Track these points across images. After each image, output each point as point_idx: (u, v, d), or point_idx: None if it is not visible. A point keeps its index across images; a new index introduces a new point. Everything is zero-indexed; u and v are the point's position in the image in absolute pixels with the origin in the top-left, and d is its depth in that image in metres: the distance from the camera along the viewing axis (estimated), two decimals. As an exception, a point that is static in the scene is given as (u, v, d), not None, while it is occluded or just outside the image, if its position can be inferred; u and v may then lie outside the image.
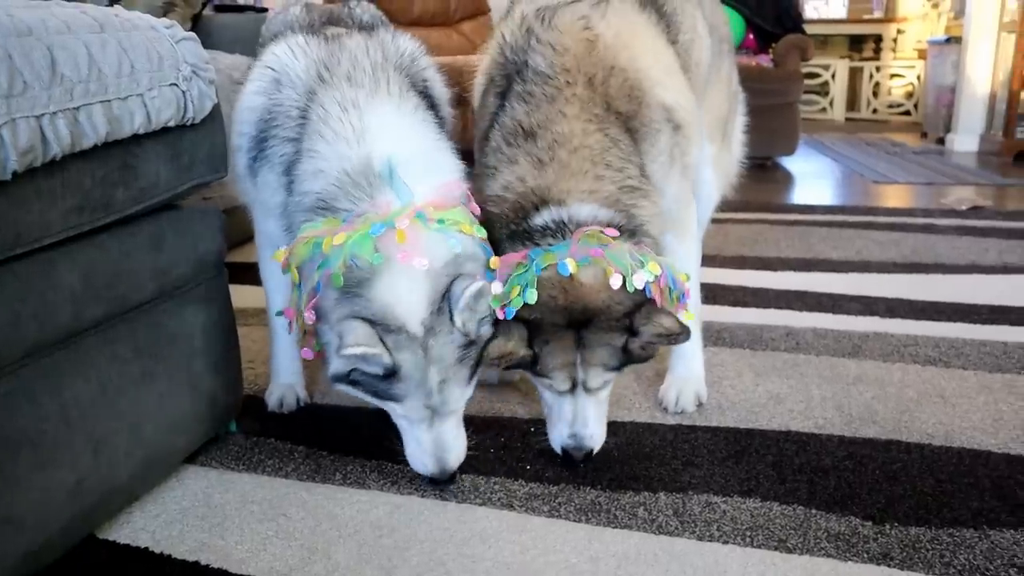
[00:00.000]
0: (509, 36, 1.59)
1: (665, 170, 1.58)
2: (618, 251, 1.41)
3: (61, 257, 1.18)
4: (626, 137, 1.52)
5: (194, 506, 1.42)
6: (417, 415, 1.39)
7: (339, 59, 1.53)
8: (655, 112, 1.54)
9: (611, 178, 1.49)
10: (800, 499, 1.41)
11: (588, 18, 1.54)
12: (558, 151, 1.48)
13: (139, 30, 1.30)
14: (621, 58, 1.52)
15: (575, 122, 1.49)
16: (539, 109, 1.50)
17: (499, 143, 1.53)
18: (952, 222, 3.61)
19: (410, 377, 1.34)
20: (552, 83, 1.51)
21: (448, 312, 1.33)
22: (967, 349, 2.07)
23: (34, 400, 1.14)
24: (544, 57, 1.52)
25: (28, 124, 1.05)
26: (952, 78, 6.47)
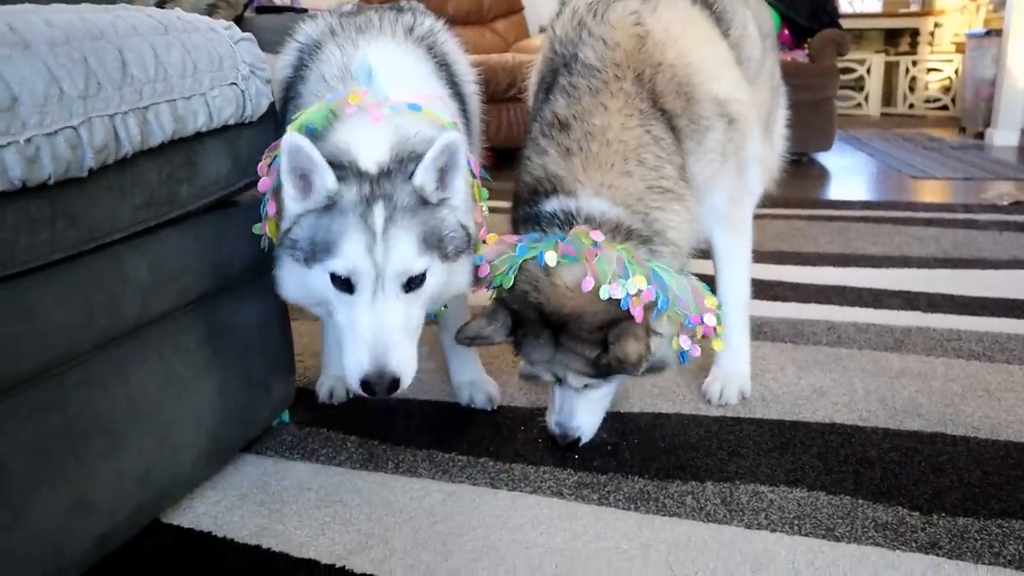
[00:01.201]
0: (560, 30, 1.62)
1: (716, 167, 1.59)
2: (607, 256, 1.38)
3: (130, 251, 1.23)
4: (669, 136, 1.52)
5: (252, 492, 1.46)
6: (359, 266, 1.23)
7: (355, 19, 1.58)
8: (705, 107, 1.55)
9: (641, 176, 1.47)
10: (847, 489, 1.42)
11: (639, 13, 1.56)
12: (590, 143, 1.47)
13: (200, 32, 1.35)
14: (670, 54, 1.53)
15: (616, 116, 1.49)
16: (580, 101, 1.51)
17: (536, 134, 1.55)
18: (993, 217, 3.58)
19: (351, 209, 1.24)
20: (600, 76, 1.52)
21: (409, 170, 1.28)
22: (1011, 344, 2.06)
23: (106, 389, 1.19)
24: (594, 50, 1.54)
25: (103, 123, 1.10)
26: (992, 72, 6.38)
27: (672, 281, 1.42)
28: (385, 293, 1.25)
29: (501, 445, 1.60)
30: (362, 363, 1.23)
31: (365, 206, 1.24)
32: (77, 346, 1.13)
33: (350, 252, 1.23)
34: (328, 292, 1.27)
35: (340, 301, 1.27)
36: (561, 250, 1.39)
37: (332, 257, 1.24)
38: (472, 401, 1.76)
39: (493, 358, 1.97)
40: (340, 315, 1.28)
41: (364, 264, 1.23)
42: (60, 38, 1.07)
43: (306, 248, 1.27)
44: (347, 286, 1.25)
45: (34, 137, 0.99)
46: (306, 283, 1.29)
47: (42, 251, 1.06)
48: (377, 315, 1.24)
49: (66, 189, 1.08)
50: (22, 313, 1.04)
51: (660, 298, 1.39)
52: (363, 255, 1.23)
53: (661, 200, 1.48)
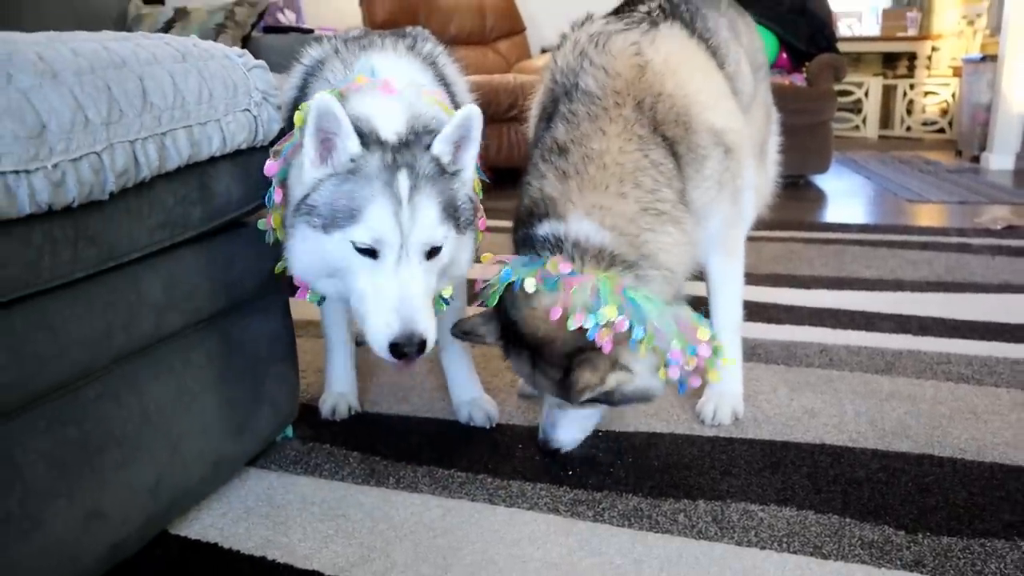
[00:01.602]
0: (561, 60, 1.68)
1: (712, 195, 1.63)
2: (583, 285, 1.42)
3: (145, 271, 1.28)
4: (670, 161, 1.55)
5: (258, 505, 1.50)
6: (385, 232, 1.26)
7: (359, 41, 1.63)
8: (703, 137, 1.60)
9: (636, 198, 1.50)
10: (835, 508, 1.47)
11: (639, 44, 1.61)
12: (587, 165, 1.51)
13: (215, 59, 1.40)
14: (668, 84, 1.58)
15: (614, 140, 1.53)
16: (579, 127, 1.55)
17: (536, 159, 1.60)
18: (986, 241, 3.63)
19: (375, 176, 1.28)
20: (599, 103, 1.56)
21: (426, 142, 1.34)
22: (1000, 367, 2.11)
23: (120, 403, 1.24)
24: (595, 79, 1.59)
25: (124, 149, 1.15)
26: (987, 96, 6.46)
27: (654, 312, 1.44)
28: (409, 259, 1.28)
29: (499, 462, 1.65)
30: (391, 326, 1.26)
31: (390, 173, 1.28)
32: (95, 361, 1.18)
33: (377, 218, 1.26)
34: (347, 260, 1.29)
35: (362, 267, 1.29)
36: (540, 277, 1.44)
37: (356, 223, 1.26)
38: (471, 419, 1.81)
39: (492, 376, 2.02)
40: (361, 281, 1.29)
41: (391, 230, 1.26)
42: (85, 67, 1.12)
43: (326, 214, 1.29)
44: (370, 252, 1.28)
45: (61, 162, 1.05)
46: (322, 252, 1.31)
47: (64, 270, 1.11)
48: (402, 280, 1.27)
49: (88, 211, 1.13)
50: (45, 329, 1.09)
51: (635, 328, 1.41)
52: (390, 221, 1.26)
53: (655, 222, 1.51)
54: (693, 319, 1.50)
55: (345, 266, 1.30)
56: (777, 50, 5.45)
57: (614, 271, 1.47)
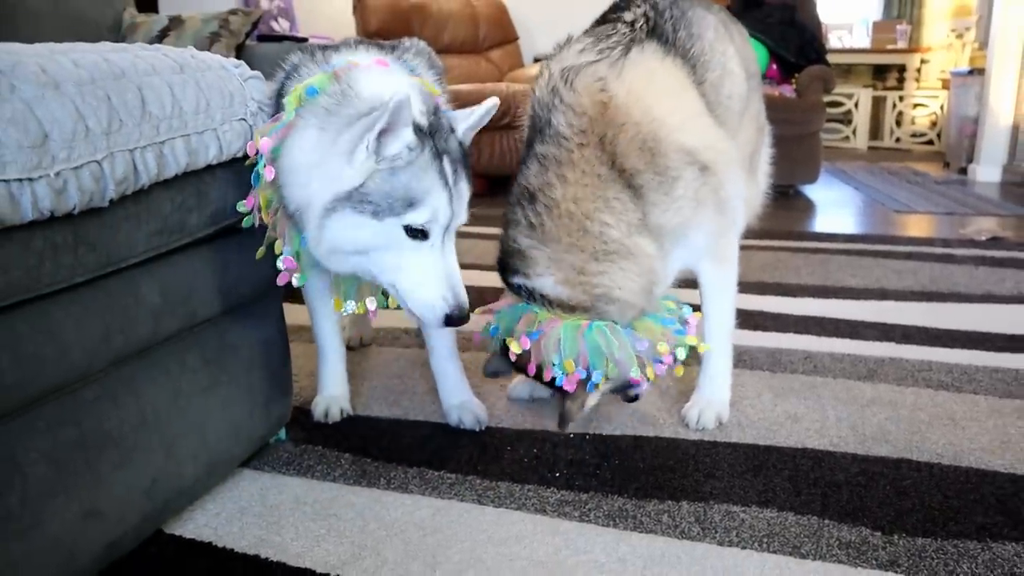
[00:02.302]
0: (539, 93, 1.72)
1: (689, 212, 1.68)
2: (550, 337, 1.63)
3: (143, 275, 1.31)
4: (627, 194, 1.63)
5: (251, 506, 1.53)
6: (442, 217, 1.39)
7: (336, 45, 1.66)
8: (672, 158, 1.64)
9: (584, 246, 1.63)
10: (814, 510, 1.50)
11: (604, 79, 1.65)
12: (547, 216, 1.64)
13: (212, 70, 1.44)
14: (634, 113, 1.62)
15: (572, 187, 1.63)
16: (547, 172, 1.65)
17: (514, 199, 1.71)
18: (970, 252, 3.69)
19: (430, 164, 1.37)
20: (566, 145, 1.64)
21: (448, 126, 1.45)
22: (979, 375, 2.15)
23: (118, 404, 1.27)
24: (565, 117, 1.64)
25: (123, 157, 1.18)
26: (975, 109, 6.53)
27: (614, 345, 1.63)
28: (450, 236, 1.43)
29: (488, 464, 1.68)
30: (447, 300, 1.41)
31: (439, 162, 1.39)
32: (93, 364, 1.21)
33: (436, 204, 1.37)
34: (395, 242, 1.38)
35: (411, 248, 1.39)
36: (522, 335, 1.66)
37: (415, 209, 1.36)
38: (461, 422, 1.84)
39: (481, 381, 2.05)
40: (408, 259, 1.40)
41: (445, 213, 1.40)
42: (86, 78, 1.15)
43: (380, 202, 1.36)
44: (420, 234, 1.39)
45: (62, 171, 1.08)
46: (368, 235, 1.38)
47: (65, 275, 1.14)
48: (448, 259, 1.43)
49: (88, 218, 1.16)
50: (45, 333, 1.12)
51: (594, 372, 1.63)
52: (446, 206, 1.39)
53: (604, 264, 1.65)
54: (656, 332, 1.69)
55: (389, 247, 1.40)
56: (767, 62, 5.52)
57: (576, 316, 1.66)
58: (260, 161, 1.43)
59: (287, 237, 1.48)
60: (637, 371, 1.65)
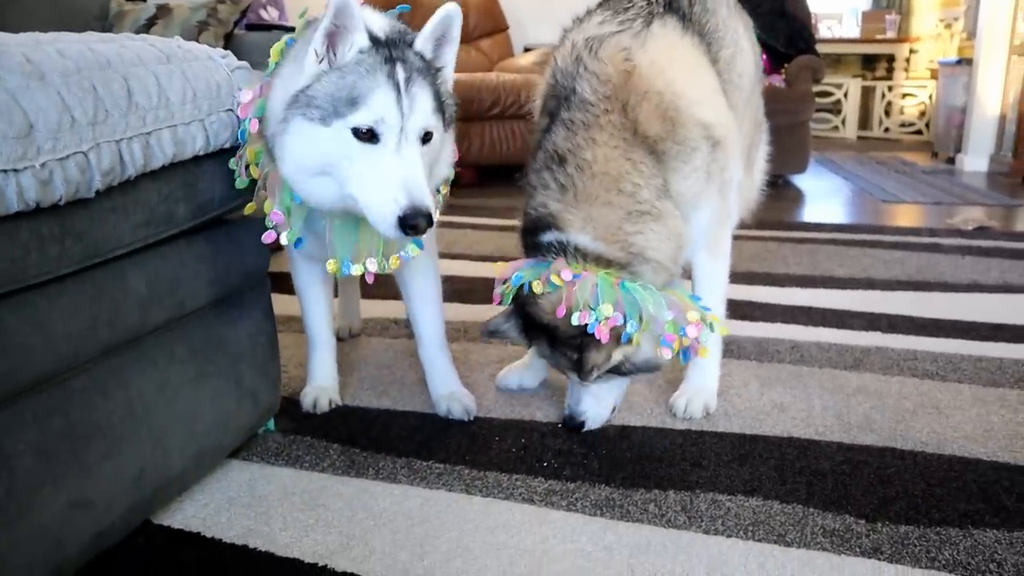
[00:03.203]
0: (561, 62, 1.74)
1: (700, 186, 1.71)
2: (584, 284, 1.59)
3: (131, 266, 1.31)
4: (650, 159, 1.65)
5: (239, 496, 1.54)
6: (388, 116, 1.34)
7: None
8: (691, 130, 1.67)
9: (620, 204, 1.63)
10: (799, 498, 1.52)
11: (628, 49, 1.68)
12: (580, 177, 1.64)
13: (199, 60, 1.43)
14: (657, 83, 1.65)
15: (602, 148, 1.64)
16: (575, 136, 1.66)
17: (540, 165, 1.71)
18: (957, 242, 3.71)
19: (377, 67, 1.36)
20: (592, 110, 1.65)
21: (409, 40, 1.44)
22: (964, 364, 2.17)
23: (106, 394, 1.27)
24: (590, 85, 1.66)
25: (109, 148, 1.18)
26: (963, 99, 6.56)
27: (649, 301, 1.59)
28: (408, 142, 1.37)
29: (477, 454, 1.69)
30: (399, 201, 1.32)
31: (390, 65, 1.37)
32: (81, 354, 1.22)
33: (380, 103, 1.34)
34: (346, 149, 1.35)
35: (362, 153, 1.35)
36: (545, 279, 1.61)
37: (358, 110, 1.34)
38: (450, 412, 1.85)
39: (470, 371, 2.06)
40: (361, 165, 1.35)
41: (393, 114, 1.35)
42: (72, 68, 1.15)
43: (325, 106, 1.35)
44: (370, 137, 1.35)
45: (48, 162, 1.08)
46: (319, 144, 1.36)
47: (51, 266, 1.14)
48: (405, 160, 1.36)
49: (74, 209, 1.16)
50: (32, 324, 1.12)
51: (629, 322, 1.58)
52: (392, 106, 1.35)
53: (639, 224, 1.64)
54: (686, 301, 1.66)
55: (343, 155, 1.36)
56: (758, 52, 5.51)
57: (611, 270, 1.63)
58: (247, 119, 1.45)
59: (278, 193, 1.47)
60: (672, 327, 1.61)
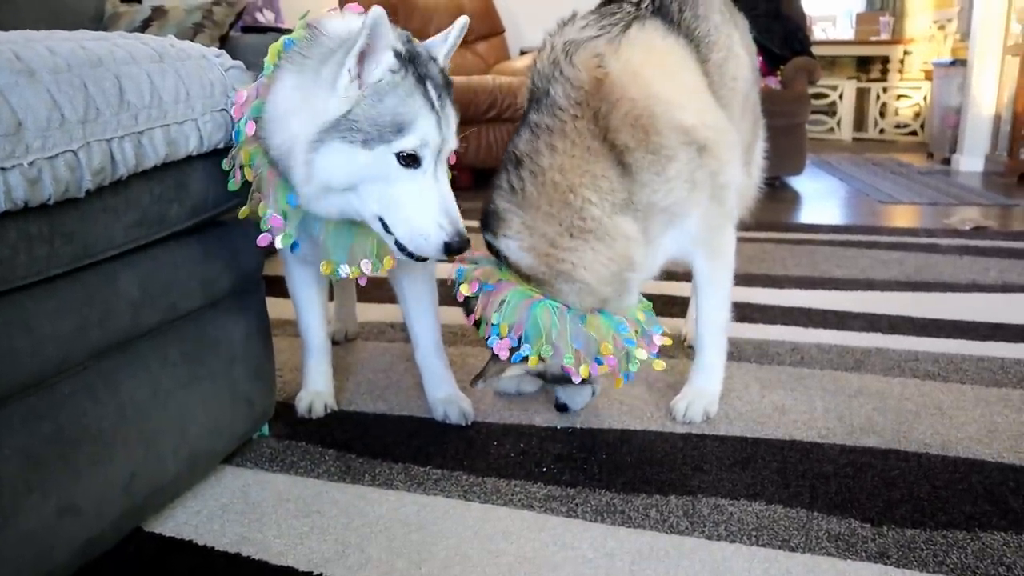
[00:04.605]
0: (539, 65, 1.71)
1: (683, 194, 1.66)
2: (495, 297, 1.62)
3: (122, 268, 1.28)
4: (615, 171, 1.61)
5: (233, 503, 1.51)
6: (432, 142, 1.37)
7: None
8: (668, 137, 1.62)
9: (562, 218, 1.61)
10: (803, 502, 1.50)
11: (602, 55, 1.63)
12: (531, 182, 1.63)
13: (193, 59, 1.41)
14: (630, 89, 1.61)
15: (560, 156, 1.61)
16: (537, 139, 1.63)
17: (503, 164, 1.69)
18: (954, 242, 3.70)
19: (415, 89, 1.36)
20: (561, 116, 1.62)
21: (428, 54, 1.43)
22: (965, 364, 2.15)
23: (96, 399, 1.24)
24: (563, 89, 1.63)
25: (100, 147, 1.16)
26: (957, 100, 6.56)
27: (555, 328, 1.59)
28: (442, 165, 1.40)
29: (474, 459, 1.66)
30: (444, 228, 1.37)
31: (422, 86, 1.37)
32: (70, 357, 1.19)
33: (424, 128, 1.36)
34: (386, 171, 1.36)
35: (402, 176, 1.37)
36: (473, 282, 1.66)
37: (404, 136, 1.35)
38: (447, 417, 1.82)
39: (467, 375, 2.03)
40: (400, 189, 1.37)
41: (435, 138, 1.37)
42: (62, 66, 1.13)
43: (369, 130, 1.34)
44: (411, 162, 1.37)
45: (37, 160, 1.05)
46: (358, 165, 1.36)
47: (40, 267, 1.12)
48: (443, 185, 1.40)
49: (64, 208, 1.14)
50: (20, 326, 1.10)
51: (524, 345, 1.60)
52: (435, 130, 1.37)
53: (576, 242, 1.62)
54: (604, 332, 1.64)
55: (381, 178, 1.37)
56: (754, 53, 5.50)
57: (530, 286, 1.64)
58: (242, 120, 1.43)
59: (274, 196, 1.45)
60: (570, 360, 1.61)
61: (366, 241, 1.51)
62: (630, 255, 1.66)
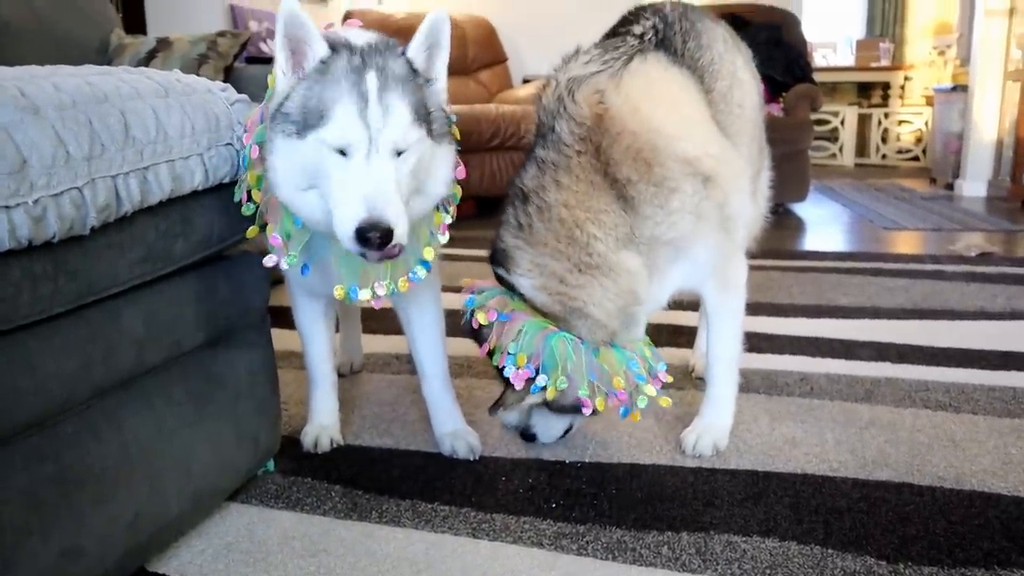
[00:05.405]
0: (545, 101, 1.71)
1: (687, 227, 1.64)
2: (512, 327, 1.61)
3: (126, 304, 1.27)
4: (617, 206, 1.61)
5: (238, 541, 1.48)
6: (351, 131, 1.29)
7: None
8: (670, 168, 1.61)
9: (569, 255, 1.61)
10: (817, 539, 1.47)
11: (603, 91, 1.63)
12: (538, 218, 1.63)
13: (198, 93, 1.41)
14: (630, 123, 1.60)
15: (564, 192, 1.61)
16: (544, 175, 1.63)
17: (509, 199, 1.69)
18: (961, 268, 3.68)
19: (343, 76, 1.32)
20: (565, 151, 1.62)
21: (398, 49, 1.40)
22: (977, 394, 2.13)
23: (99, 438, 1.22)
24: (567, 126, 1.63)
25: (105, 184, 1.15)
26: (959, 125, 6.58)
27: (570, 360, 1.59)
28: (379, 154, 1.30)
29: (483, 495, 1.64)
30: (358, 213, 1.26)
31: (357, 74, 1.32)
32: (73, 396, 1.17)
33: (343, 117, 1.30)
34: (322, 162, 1.31)
35: (334, 167, 1.31)
36: (489, 310, 1.64)
37: (324, 124, 1.30)
38: (454, 451, 1.80)
39: (475, 408, 2.01)
40: (333, 180, 1.31)
41: (357, 129, 1.30)
42: (68, 102, 1.12)
43: (298, 119, 1.32)
44: (341, 151, 1.31)
45: (41, 198, 1.04)
46: (299, 158, 1.33)
47: (44, 305, 1.11)
48: (372, 171, 1.29)
49: (68, 246, 1.12)
50: (23, 365, 1.08)
51: (540, 376, 1.59)
52: (356, 120, 1.30)
53: (584, 278, 1.62)
54: (616, 366, 1.64)
55: (321, 170, 1.32)
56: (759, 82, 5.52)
57: (544, 318, 1.64)
58: (248, 145, 1.43)
59: (279, 217, 1.44)
60: (586, 392, 1.60)
61: (379, 263, 1.45)
62: (635, 289, 1.65)
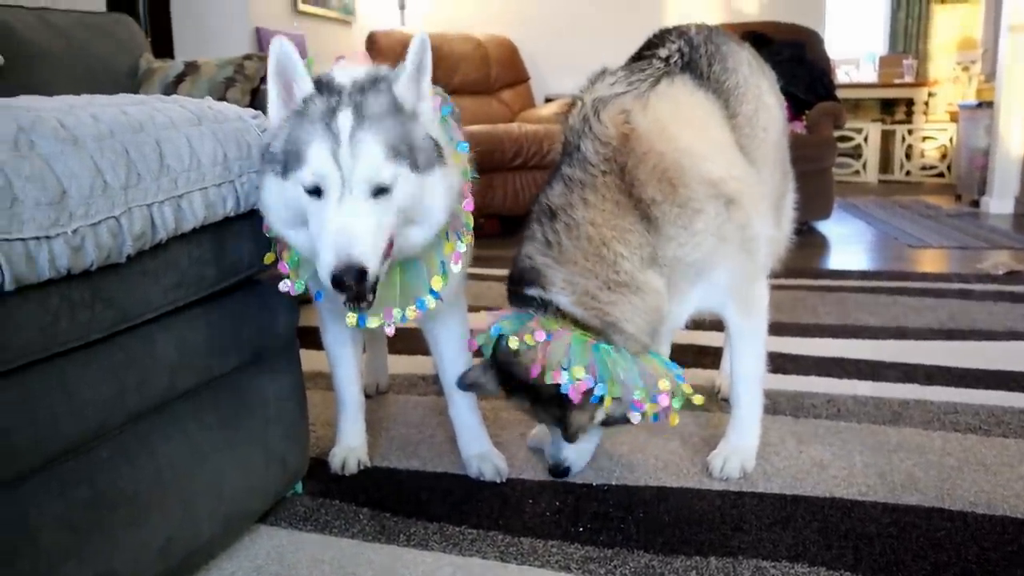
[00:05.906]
0: (572, 120, 1.74)
1: (709, 249, 1.65)
2: (558, 344, 1.59)
3: (160, 331, 1.29)
4: (641, 226, 1.62)
5: (267, 564, 1.49)
6: (322, 171, 1.28)
7: None
8: (695, 190, 1.62)
9: (598, 273, 1.61)
10: (847, 565, 1.46)
11: (629, 112, 1.66)
12: (567, 235, 1.63)
13: (230, 121, 1.43)
14: (657, 144, 1.62)
15: (591, 210, 1.62)
16: (571, 193, 1.65)
17: (534, 216, 1.70)
18: (988, 287, 3.64)
19: (318, 117, 1.31)
20: (591, 170, 1.64)
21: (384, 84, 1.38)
22: (1007, 417, 2.11)
23: (133, 463, 1.24)
24: (592, 145, 1.65)
25: (141, 212, 1.17)
26: (985, 141, 6.52)
27: (620, 366, 1.59)
28: (353, 195, 1.29)
29: (510, 518, 1.64)
30: (329, 262, 1.25)
31: (331, 114, 1.31)
32: (108, 422, 1.19)
33: (314, 158, 1.29)
34: (303, 203, 1.31)
35: (313, 208, 1.31)
36: (521, 335, 1.60)
37: (301, 166, 1.30)
38: (481, 474, 1.80)
39: (501, 430, 2.02)
40: (312, 221, 1.31)
41: (328, 169, 1.28)
42: (105, 132, 1.15)
43: (282, 160, 1.33)
44: (317, 193, 1.30)
45: (80, 227, 1.07)
46: (284, 197, 1.34)
47: (81, 332, 1.13)
48: (343, 214, 1.28)
49: (104, 273, 1.15)
50: (60, 391, 1.10)
51: (599, 385, 1.57)
52: (327, 160, 1.29)
53: (615, 295, 1.62)
54: (659, 369, 1.65)
55: (303, 210, 1.33)
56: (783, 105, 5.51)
57: (590, 335, 1.62)
58: None
59: (286, 245, 1.45)
60: (641, 394, 1.59)
61: (386, 290, 1.45)
62: (660, 307, 1.66)
